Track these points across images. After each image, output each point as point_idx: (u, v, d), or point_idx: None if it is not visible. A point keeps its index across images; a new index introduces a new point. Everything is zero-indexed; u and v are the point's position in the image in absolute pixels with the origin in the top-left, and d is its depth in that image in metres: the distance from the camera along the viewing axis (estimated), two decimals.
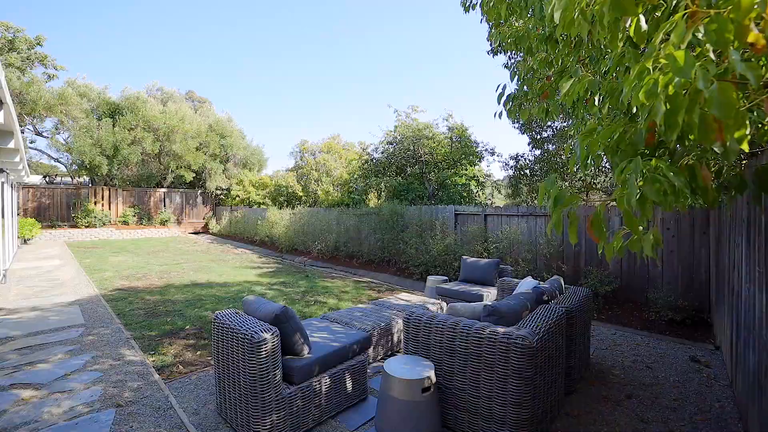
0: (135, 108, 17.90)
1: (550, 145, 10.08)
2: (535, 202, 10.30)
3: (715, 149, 1.03)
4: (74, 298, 6.16)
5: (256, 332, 2.42)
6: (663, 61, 0.92)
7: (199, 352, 4.02)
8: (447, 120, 12.83)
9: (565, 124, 9.72)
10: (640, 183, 1.09)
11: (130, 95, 18.69)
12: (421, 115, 13.41)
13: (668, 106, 0.96)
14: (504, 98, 2.51)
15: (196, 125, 19.74)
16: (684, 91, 0.96)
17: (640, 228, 1.12)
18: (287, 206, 16.19)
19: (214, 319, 2.83)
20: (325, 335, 3.23)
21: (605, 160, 8.54)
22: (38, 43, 17.80)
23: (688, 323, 4.92)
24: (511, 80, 2.59)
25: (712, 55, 0.90)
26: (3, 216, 8.18)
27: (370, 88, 71.78)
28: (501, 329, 2.47)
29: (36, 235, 14.40)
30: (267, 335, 2.42)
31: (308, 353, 2.79)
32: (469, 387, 2.54)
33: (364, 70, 68.18)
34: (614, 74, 1.45)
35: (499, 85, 2.48)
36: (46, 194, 16.97)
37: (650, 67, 0.96)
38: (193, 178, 20.32)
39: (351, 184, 14.19)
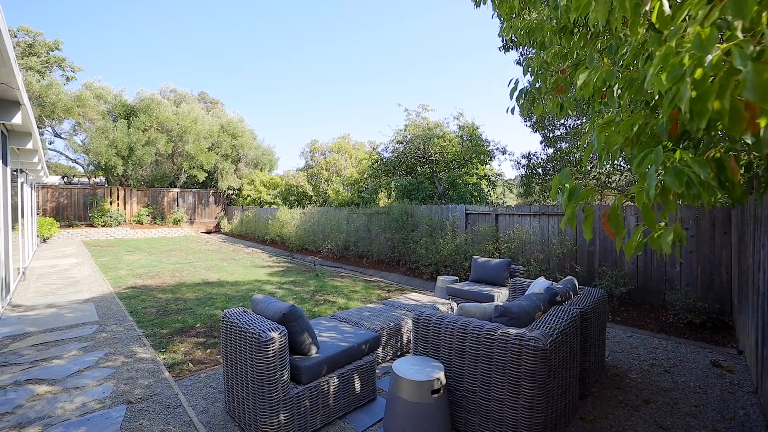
0: (149, 109, 18.24)
1: (563, 144, 9.89)
2: (548, 201, 10.12)
3: (746, 140, 0.96)
4: (89, 296, 6.28)
5: (263, 331, 2.41)
6: (689, 44, 0.86)
7: (209, 351, 4.04)
8: (457, 119, 12.73)
9: (578, 121, 9.54)
10: (662, 176, 1.03)
11: (145, 97, 19.05)
12: (431, 114, 13.33)
13: (695, 93, 0.89)
14: (516, 93, 2.44)
15: (208, 126, 20.02)
16: (712, 77, 0.89)
17: (662, 224, 1.05)
18: (298, 206, 16.28)
19: (223, 318, 2.82)
20: (334, 335, 3.20)
21: (621, 159, 8.34)
22: (56, 47, 18.28)
23: (708, 326, 4.74)
24: (524, 75, 2.52)
25: (740, 34, 0.83)
26: (23, 215, 8.41)
27: (372, 88, 71.93)
28: (513, 330, 2.40)
29: (54, 234, 14.77)
30: (274, 334, 2.40)
31: (316, 353, 2.76)
32: (480, 389, 2.48)
33: (365, 70, 68.51)
34: (634, 64, 1.37)
35: (511, 80, 2.41)
36: (64, 194, 17.41)
37: (676, 48, 0.90)
38: (206, 178, 20.62)
39: (361, 184, 14.18)
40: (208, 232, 20.66)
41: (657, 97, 1.01)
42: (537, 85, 2.53)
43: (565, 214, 1.23)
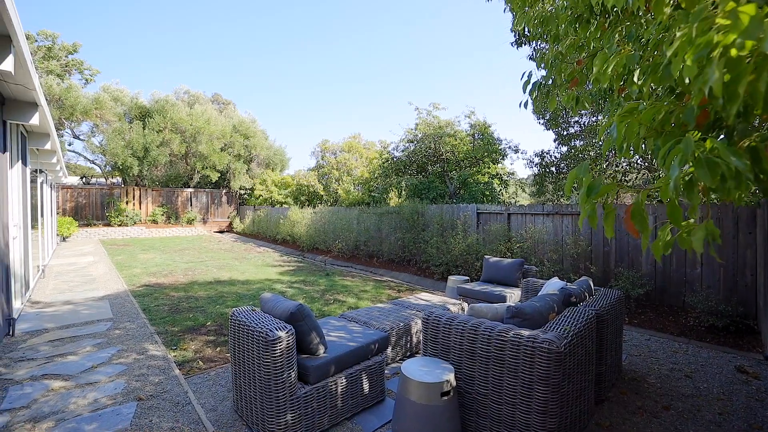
0: (163, 111, 18.55)
1: (578, 141, 9.68)
2: (562, 200, 9.92)
3: None
4: (104, 293, 6.39)
5: (270, 330, 2.38)
6: (721, 21, 0.78)
7: (218, 349, 4.06)
8: (469, 117, 12.59)
9: (593, 119, 9.32)
10: (690, 169, 0.95)
11: (159, 99, 19.39)
12: (442, 112, 13.23)
13: (728, 77, 0.82)
14: (530, 87, 2.35)
15: (221, 126, 20.25)
16: (747, 58, 0.81)
17: (691, 220, 0.97)
18: (308, 205, 16.34)
19: (231, 316, 2.81)
20: (343, 334, 3.17)
21: (638, 156, 8.08)
22: (74, 50, 18.75)
23: (731, 330, 4.55)
24: (538, 67, 2.43)
25: None
26: (42, 215, 8.63)
27: (372, 88, 71.90)
28: (525, 332, 2.32)
29: (73, 233, 15.16)
30: (282, 333, 2.37)
31: (324, 352, 2.73)
32: (492, 392, 2.41)
33: (366, 70, 68.58)
34: (657, 50, 1.29)
35: (524, 73, 2.33)
36: (83, 194, 17.85)
37: (705, 29, 0.82)
38: (218, 178, 20.87)
39: (371, 183, 14.15)
40: (221, 232, 20.92)
41: (685, 82, 0.93)
42: (551, 79, 2.44)
43: (583, 211, 1.16)
